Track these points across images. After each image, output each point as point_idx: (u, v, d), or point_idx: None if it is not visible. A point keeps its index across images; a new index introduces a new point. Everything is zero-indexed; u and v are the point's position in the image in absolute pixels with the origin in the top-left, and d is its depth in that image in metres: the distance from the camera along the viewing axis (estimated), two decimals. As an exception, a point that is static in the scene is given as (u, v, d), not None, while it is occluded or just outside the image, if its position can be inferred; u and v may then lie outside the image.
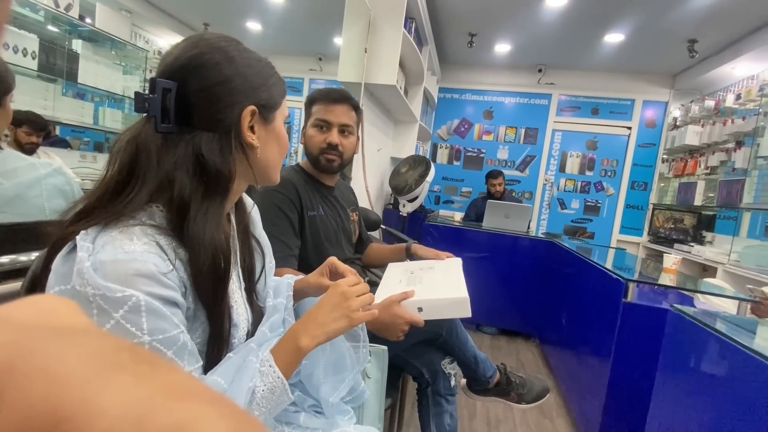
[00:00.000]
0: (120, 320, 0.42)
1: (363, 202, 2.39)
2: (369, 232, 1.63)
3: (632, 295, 1.52)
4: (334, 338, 0.62)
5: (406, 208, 3.16)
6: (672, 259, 1.86)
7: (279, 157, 0.62)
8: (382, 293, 1.02)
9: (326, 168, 1.18)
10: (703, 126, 3.61)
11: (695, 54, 3.33)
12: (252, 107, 0.55)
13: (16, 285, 0.58)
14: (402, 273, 1.12)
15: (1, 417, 0.12)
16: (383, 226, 2.64)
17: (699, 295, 1.71)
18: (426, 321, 1.10)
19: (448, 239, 2.92)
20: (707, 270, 3.11)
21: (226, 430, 0.13)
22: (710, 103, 3.55)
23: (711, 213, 3.44)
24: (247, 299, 0.63)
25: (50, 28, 2.69)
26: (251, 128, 0.56)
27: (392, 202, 3.57)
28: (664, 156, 4.16)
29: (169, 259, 0.48)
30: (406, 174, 3.15)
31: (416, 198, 3.12)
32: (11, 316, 0.15)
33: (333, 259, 0.76)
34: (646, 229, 4.24)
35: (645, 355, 1.46)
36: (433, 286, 1.04)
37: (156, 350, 0.44)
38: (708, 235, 3.41)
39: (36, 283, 0.49)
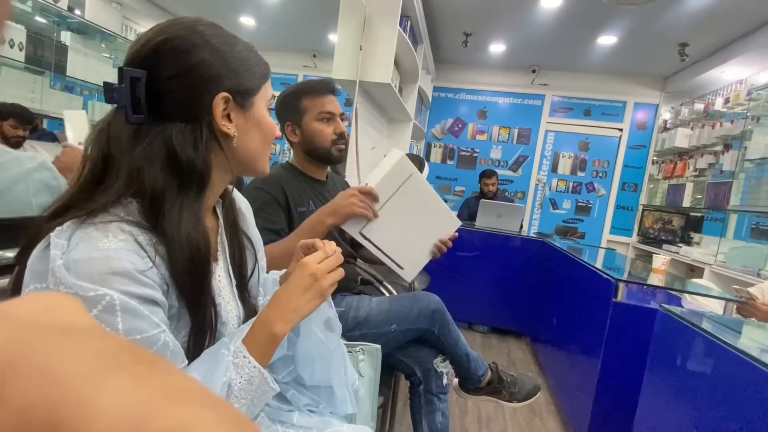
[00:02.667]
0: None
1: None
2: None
3: (622, 294, 1.54)
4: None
5: (400, 207, 3.15)
6: (661, 259, 1.89)
7: (263, 145, 0.59)
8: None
9: (338, 158, 1.18)
10: (692, 129, 3.67)
11: (686, 57, 3.38)
12: (224, 94, 0.52)
13: (2, 282, 0.57)
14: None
15: (2, 414, 0.12)
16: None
17: (687, 295, 1.73)
18: (419, 316, 1.11)
19: (440, 238, 2.92)
20: (694, 270, 3.16)
21: None
22: (699, 106, 3.61)
23: (699, 214, 3.50)
24: (239, 296, 0.62)
25: (38, 19, 2.64)
26: (227, 116, 0.54)
27: (385, 200, 3.57)
28: (654, 158, 4.22)
29: (148, 257, 0.46)
30: (399, 172, 3.14)
31: (409, 196, 3.11)
32: (15, 313, 0.15)
33: (302, 242, 0.70)
34: (636, 229, 4.30)
35: (634, 354, 1.48)
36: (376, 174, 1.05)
37: None
38: (696, 236, 3.47)
39: (21, 281, 0.48)
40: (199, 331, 0.53)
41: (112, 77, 0.49)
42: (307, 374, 0.68)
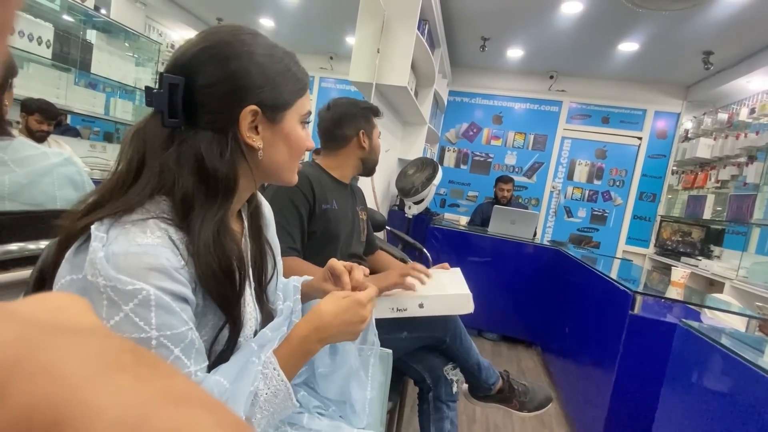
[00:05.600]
0: (129, 313, 0.42)
1: (369, 203, 2.38)
2: (374, 233, 1.63)
3: (639, 307, 1.50)
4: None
5: (412, 210, 3.14)
6: (680, 272, 1.84)
7: (289, 158, 0.59)
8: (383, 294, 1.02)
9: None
10: (715, 139, 3.57)
11: (710, 66, 3.30)
12: (252, 107, 0.52)
13: (23, 273, 0.58)
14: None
15: (3, 413, 0.12)
16: (388, 227, 2.63)
17: (706, 310, 1.68)
18: (432, 325, 1.10)
19: (452, 243, 2.90)
20: (714, 285, 3.07)
21: None
22: (723, 116, 3.51)
23: (720, 227, 3.40)
24: (256, 299, 0.62)
25: (65, 17, 2.72)
26: (255, 128, 0.54)
27: (398, 203, 3.56)
28: (674, 168, 4.12)
29: (181, 255, 0.47)
30: (413, 176, 3.14)
31: (422, 200, 3.10)
32: (22, 313, 0.15)
33: (333, 261, 0.72)
34: (653, 240, 4.20)
35: (650, 369, 1.43)
36: (435, 286, 1.05)
37: (163, 346, 0.44)
38: (716, 250, 3.37)
39: (44, 273, 0.49)
40: (221, 331, 0.53)
41: (134, 75, 0.50)
42: (326, 387, 0.69)
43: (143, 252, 0.44)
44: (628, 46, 3.36)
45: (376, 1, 2.23)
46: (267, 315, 0.64)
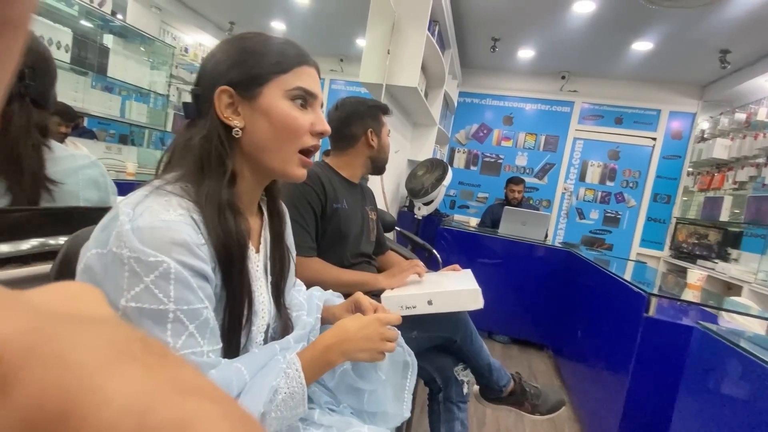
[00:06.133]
0: (149, 285, 0.44)
1: (379, 203, 2.38)
2: (384, 233, 1.63)
3: (654, 309, 1.47)
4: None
5: (422, 212, 3.14)
6: (697, 275, 1.80)
7: (273, 137, 0.56)
8: (392, 293, 1.02)
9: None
10: (732, 139, 3.49)
11: (727, 65, 3.23)
12: (224, 87, 0.55)
13: (43, 268, 0.59)
14: (413, 276, 1.12)
15: (16, 399, 0.12)
16: (398, 228, 2.63)
17: (723, 313, 1.64)
18: (442, 324, 1.10)
19: (462, 244, 2.89)
20: (731, 288, 2.99)
21: (228, 430, 0.13)
22: (741, 116, 3.44)
23: (737, 230, 3.32)
24: (273, 296, 0.64)
25: (83, 22, 2.78)
26: (236, 110, 0.56)
27: (407, 204, 3.56)
28: (690, 169, 4.04)
29: (201, 233, 0.49)
30: (423, 177, 3.14)
31: (432, 201, 3.09)
32: (37, 302, 0.16)
33: (359, 296, 0.75)
34: (668, 243, 4.12)
35: (665, 373, 1.40)
36: (444, 283, 1.05)
37: (179, 321, 0.45)
38: (734, 253, 3.29)
39: (65, 267, 0.50)
40: (233, 313, 0.54)
41: (149, 78, 0.54)
42: (351, 400, 0.71)
43: (166, 227, 0.46)
44: (642, 46, 3.31)
45: (386, 2, 2.24)
46: (284, 316, 0.66)
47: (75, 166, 0.78)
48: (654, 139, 4.16)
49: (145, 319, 0.44)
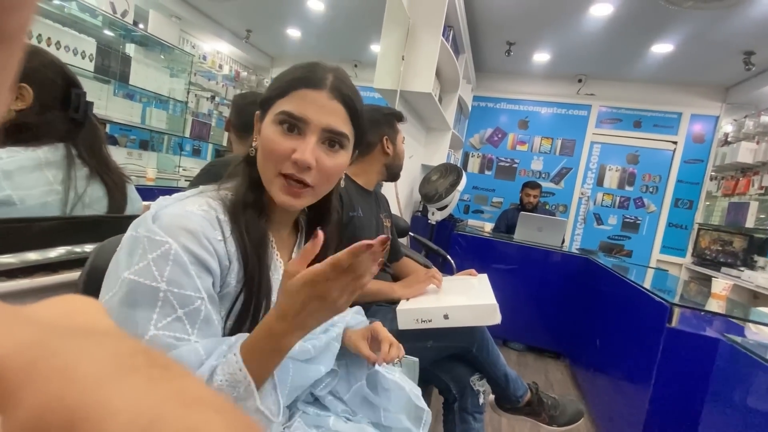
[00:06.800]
0: (150, 262, 0.46)
1: (392, 209, 2.38)
2: (398, 239, 1.62)
3: (677, 320, 1.43)
4: None
5: (435, 217, 3.12)
6: (721, 284, 1.74)
7: (264, 164, 0.56)
8: (408, 304, 1.01)
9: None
10: (758, 143, 3.38)
11: (751, 66, 3.13)
12: (258, 112, 0.60)
13: (71, 275, 0.61)
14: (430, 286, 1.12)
15: (19, 415, 0.12)
16: (411, 234, 2.62)
17: (750, 324, 1.58)
18: (457, 334, 1.08)
19: (477, 250, 2.86)
20: (758, 297, 2.89)
21: None
22: (766, 118, 3.33)
23: (764, 236, 3.20)
24: None
25: (107, 32, 2.87)
26: (258, 131, 0.60)
27: (421, 209, 3.55)
28: (713, 173, 3.92)
29: (222, 232, 0.52)
30: (436, 182, 3.12)
31: (446, 207, 3.08)
32: (38, 316, 0.16)
33: (378, 326, 0.73)
34: (690, 250, 4.00)
35: (689, 386, 1.36)
36: (461, 295, 1.04)
37: (168, 302, 0.46)
38: (760, 260, 3.18)
39: (93, 274, 0.52)
40: (243, 313, 0.54)
41: (168, 86, 0.57)
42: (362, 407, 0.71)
43: (183, 215, 0.50)
44: (662, 48, 3.24)
45: (401, 8, 2.25)
46: None
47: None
48: (675, 142, 4.05)
49: (138, 292, 0.45)
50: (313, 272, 0.44)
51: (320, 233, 0.46)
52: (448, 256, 2.40)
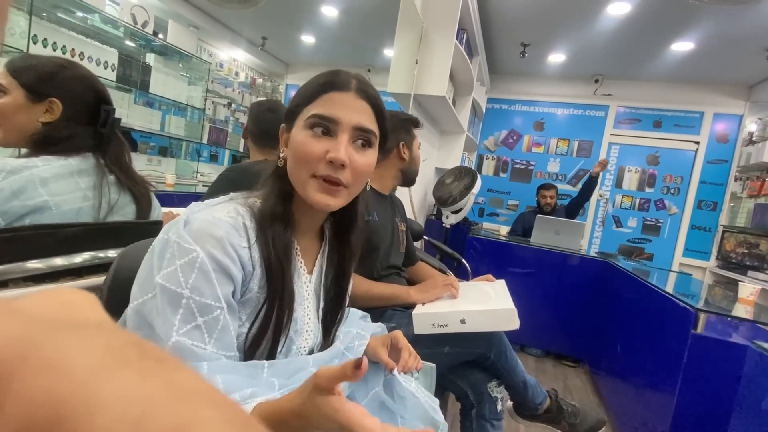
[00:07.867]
0: (178, 268, 0.47)
1: (406, 212, 2.38)
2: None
3: (702, 326, 1.38)
4: None
5: (450, 220, 3.10)
6: (749, 288, 1.68)
7: (296, 169, 0.57)
8: (425, 308, 1.00)
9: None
10: (785, 142, 3.26)
11: (777, 63, 3.03)
12: (283, 124, 0.62)
13: (96, 280, 0.63)
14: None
15: (8, 409, 0.12)
16: (426, 237, 2.61)
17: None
18: (475, 340, 1.07)
19: (492, 254, 2.83)
20: (789, 302, 2.77)
21: None
22: (795, 116, 3.21)
23: (794, 239, 3.08)
24: (322, 324, 0.65)
25: (128, 43, 2.96)
26: (285, 142, 0.61)
27: (435, 213, 3.53)
28: (738, 174, 3.80)
29: (247, 239, 0.52)
30: (451, 185, 3.10)
31: (461, 210, 3.05)
32: (29, 309, 0.16)
33: (398, 335, 0.73)
34: (714, 253, 3.87)
35: (716, 394, 1.31)
36: (478, 300, 1.03)
37: (189, 309, 0.47)
38: (790, 264, 3.06)
39: (117, 279, 0.53)
40: (265, 322, 0.54)
41: (187, 94, 0.58)
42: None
43: (212, 222, 0.51)
44: (682, 46, 3.16)
45: (414, 12, 2.26)
46: (329, 342, 0.66)
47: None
48: (697, 142, 3.94)
49: (165, 296, 0.47)
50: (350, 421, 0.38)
51: (365, 362, 0.38)
52: (464, 260, 2.38)
